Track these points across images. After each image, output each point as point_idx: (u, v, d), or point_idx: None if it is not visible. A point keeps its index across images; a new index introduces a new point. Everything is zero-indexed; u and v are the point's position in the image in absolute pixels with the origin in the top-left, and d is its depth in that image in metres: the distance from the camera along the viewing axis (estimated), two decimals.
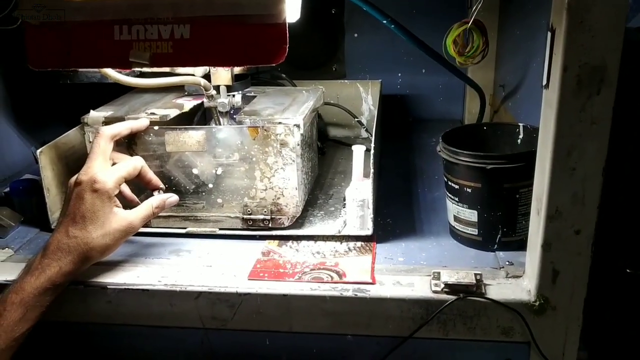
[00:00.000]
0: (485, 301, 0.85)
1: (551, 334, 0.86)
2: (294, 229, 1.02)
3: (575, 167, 0.77)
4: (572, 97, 0.74)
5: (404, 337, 0.87)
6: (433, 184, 1.22)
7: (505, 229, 0.95)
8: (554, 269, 0.82)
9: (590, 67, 0.72)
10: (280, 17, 0.79)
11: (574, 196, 0.78)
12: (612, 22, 0.71)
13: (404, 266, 0.94)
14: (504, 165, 0.91)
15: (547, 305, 0.84)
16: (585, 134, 0.75)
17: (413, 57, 1.57)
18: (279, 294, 0.88)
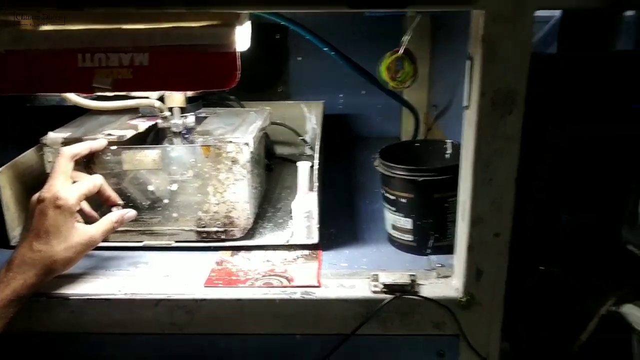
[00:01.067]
0: (419, 299, 0.95)
1: (477, 327, 0.96)
2: (246, 240, 1.10)
3: (493, 178, 0.88)
4: (488, 117, 0.85)
5: (347, 334, 0.96)
6: (372, 196, 1.32)
7: (436, 235, 1.06)
8: (477, 269, 0.93)
9: (503, 91, 0.84)
10: (232, 47, 0.88)
11: (492, 203, 0.89)
12: (520, 53, 0.83)
13: (347, 270, 1.03)
14: (434, 177, 1.02)
15: (473, 301, 0.95)
16: (499, 149, 0.86)
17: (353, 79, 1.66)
18: (232, 299, 0.95)
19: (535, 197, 0.93)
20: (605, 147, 0.91)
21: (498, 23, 0.81)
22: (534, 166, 0.90)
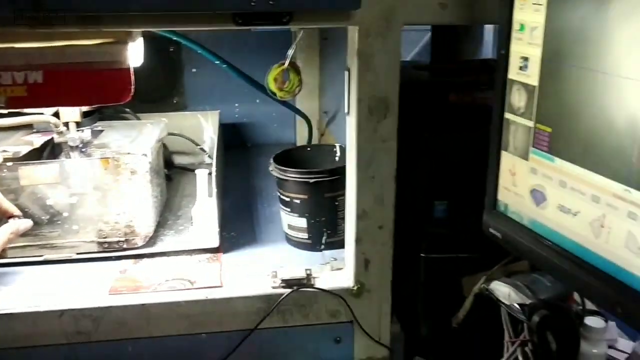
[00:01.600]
0: (315, 290, 1.03)
1: (369, 312, 1.06)
2: (148, 248, 1.14)
3: (374, 175, 0.98)
4: (366, 122, 0.95)
5: (250, 329, 1.02)
6: (270, 199, 1.39)
7: (329, 232, 1.15)
8: (365, 259, 1.03)
9: (377, 98, 0.94)
10: (125, 63, 0.92)
11: (375, 199, 0.99)
12: (391, 64, 0.93)
13: (247, 270, 1.09)
14: (324, 178, 1.11)
15: (363, 289, 1.04)
16: (378, 149, 0.96)
17: (248, 89, 1.73)
18: (137, 304, 0.99)
19: (414, 191, 1.03)
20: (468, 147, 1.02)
21: (370, 38, 0.91)
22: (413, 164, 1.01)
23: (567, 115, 0.76)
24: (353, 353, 1.08)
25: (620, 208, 0.70)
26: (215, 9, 0.84)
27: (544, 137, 0.80)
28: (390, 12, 0.90)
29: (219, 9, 0.84)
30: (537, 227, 0.84)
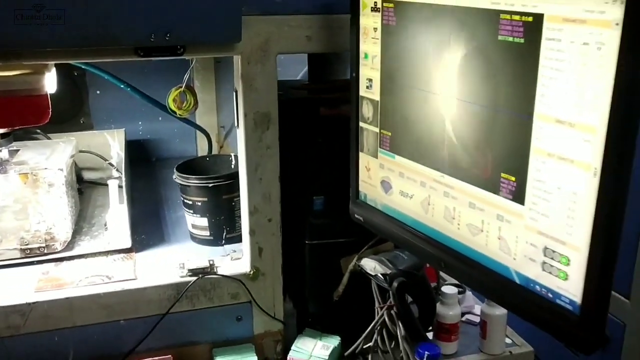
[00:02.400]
0: (218, 277, 1.22)
1: (264, 293, 1.26)
2: (67, 252, 1.28)
3: (261, 177, 1.18)
4: (252, 133, 1.15)
5: (163, 314, 1.20)
6: (175, 206, 1.56)
7: (228, 228, 1.34)
8: (259, 247, 1.23)
9: (260, 113, 1.15)
10: (43, 90, 1.08)
11: (264, 197, 1.20)
12: (270, 86, 1.14)
13: (158, 264, 1.27)
14: (221, 182, 1.31)
15: (259, 273, 1.24)
16: (264, 155, 1.17)
17: (151, 108, 1.89)
18: (61, 298, 1.14)
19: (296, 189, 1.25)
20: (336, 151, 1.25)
21: (251, 64, 1.12)
22: (295, 167, 1.22)
23: (401, 122, 1.00)
24: (253, 328, 1.27)
25: (438, 189, 0.94)
26: (120, 44, 1.01)
27: (386, 139, 1.04)
28: (266, 44, 1.11)
29: (123, 44, 1.01)
30: (387, 209, 1.08)
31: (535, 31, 0.73)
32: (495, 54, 0.79)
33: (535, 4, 0.73)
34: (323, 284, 1.30)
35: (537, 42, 0.73)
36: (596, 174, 0.70)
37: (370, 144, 1.07)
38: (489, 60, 0.81)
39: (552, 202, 0.76)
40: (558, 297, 0.79)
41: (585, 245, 0.74)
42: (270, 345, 1.29)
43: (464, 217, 0.90)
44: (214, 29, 1.03)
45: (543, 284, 0.80)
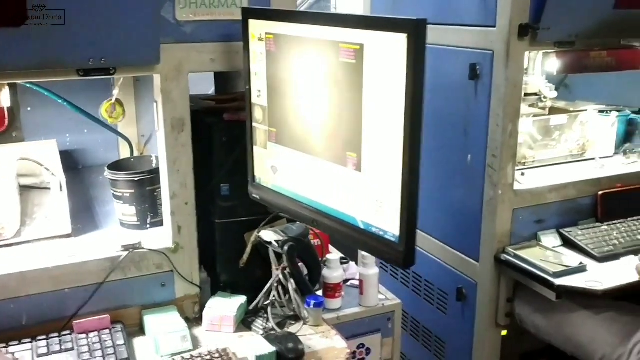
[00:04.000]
0: (145, 251, 1.52)
1: (184, 263, 1.57)
2: (16, 238, 1.54)
3: (179, 169, 1.50)
4: (170, 134, 1.47)
5: (100, 282, 1.48)
6: (104, 202, 1.84)
7: (152, 215, 1.65)
8: (178, 226, 1.54)
9: (176, 119, 1.47)
10: (1, 105, 1.36)
11: (181, 184, 1.51)
12: (183, 97, 1.47)
13: (95, 244, 1.55)
14: (145, 176, 1.61)
15: (179, 247, 1.55)
16: (180, 152, 1.49)
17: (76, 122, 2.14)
18: (16, 272, 1.41)
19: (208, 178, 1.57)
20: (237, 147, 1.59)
21: (168, 81, 1.44)
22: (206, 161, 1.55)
23: (283, 121, 1.36)
24: (175, 293, 1.58)
25: (310, 168, 1.31)
26: (65, 67, 1.31)
27: (273, 134, 1.39)
28: (179, 65, 1.44)
29: (68, 67, 1.31)
30: (276, 187, 1.43)
31: (360, 55, 1.11)
32: (338, 70, 1.17)
33: (360, 37, 1.11)
34: (231, 254, 1.63)
35: (362, 62, 1.11)
36: (402, 147, 1.08)
37: (262, 139, 1.43)
38: (335, 75, 1.18)
39: (379, 168, 1.14)
40: (386, 234, 1.16)
41: (398, 197, 1.11)
42: (189, 306, 1.60)
43: (327, 186, 1.27)
44: (138, 55, 1.35)
45: (377, 226, 1.18)
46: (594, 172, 2.10)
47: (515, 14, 1.75)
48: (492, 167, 1.89)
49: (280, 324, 1.58)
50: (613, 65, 1.95)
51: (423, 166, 1.06)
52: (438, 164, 2.13)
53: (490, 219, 1.94)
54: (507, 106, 1.82)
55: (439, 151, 2.11)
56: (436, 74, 2.09)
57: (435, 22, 2.04)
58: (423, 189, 2.18)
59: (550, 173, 2.11)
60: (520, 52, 1.79)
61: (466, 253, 2.07)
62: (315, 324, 1.59)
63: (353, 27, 1.11)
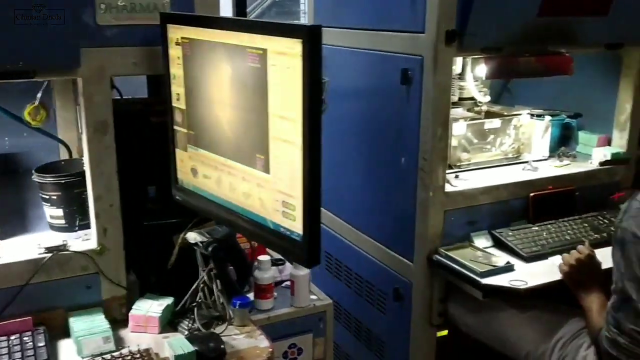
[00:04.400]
0: (70, 253, 1.53)
1: (110, 265, 1.58)
2: None
3: (103, 171, 1.52)
4: (93, 137, 1.49)
5: (23, 284, 1.49)
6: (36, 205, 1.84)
7: (80, 217, 1.66)
8: (104, 228, 1.55)
9: (99, 122, 1.48)
10: None
11: (105, 186, 1.53)
12: (106, 101, 1.48)
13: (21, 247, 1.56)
14: (73, 179, 1.62)
15: (104, 248, 1.56)
16: (104, 155, 1.50)
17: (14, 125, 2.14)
18: None
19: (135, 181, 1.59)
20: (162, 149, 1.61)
21: (90, 84, 1.46)
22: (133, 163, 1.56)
23: (200, 123, 1.38)
24: (101, 294, 1.59)
25: (224, 170, 1.33)
26: None
27: (192, 137, 1.41)
28: (101, 68, 1.46)
29: None
30: (197, 189, 1.45)
31: (264, 60, 1.14)
32: (246, 74, 1.20)
33: (263, 43, 1.14)
34: (160, 256, 1.64)
35: (266, 66, 1.14)
36: (302, 149, 1.11)
37: (182, 141, 1.45)
38: (243, 79, 1.21)
39: (284, 170, 1.17)
40: (292, 234, 1.19)
41: (300, 196, 1.14)
42: (116, 307, 1.61)
43: (240, 187, 1.30)
44: (57, 58, 1.37)
45: (284, 226, 1.20)
46: (526, 175, 2.16)
47: (442, 20, 1.79)
48: (423, 170, 1.94)
49: (207, 324, 1.60)
50: (541, 70, 2.01)
51: (360, 168, 1.10)
52: (374, 167, 2.17)
53: (422, 221, 1.98)
54: (436, 111, 1.86)
55: (374, 154, 2.15)
56: (370, 79, 2.15)
57: (369, 27, 2.10)
58: (361, 191, 2.25)
59: (485, 175, 2.16)
60: (448, 57, 1.84)
61: (402, 254, 2.10)
62: (241, 324, 1.61)
63: (256, 33, 1.14)
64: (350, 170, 2.31)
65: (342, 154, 2.33)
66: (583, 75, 2.28)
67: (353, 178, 2.30)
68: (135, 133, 1.58)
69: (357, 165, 2.26)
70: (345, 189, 2.36)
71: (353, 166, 2.29)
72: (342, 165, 2.34)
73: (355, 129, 2.25)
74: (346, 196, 2.37)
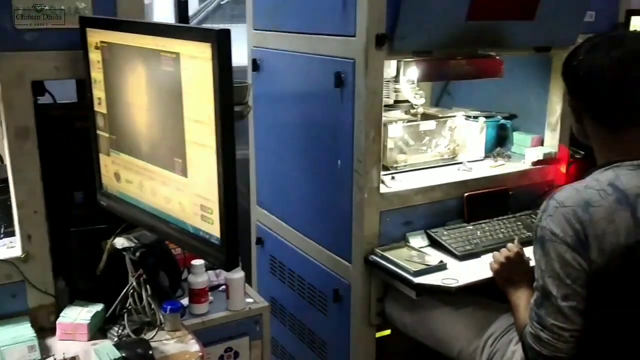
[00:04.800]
0: None
1: (36, 272, 1.55)
2: None
3: (25, 177, 1.49)
4: (15, 142, 1.46)
5: None
6: None
7: (5, 224, 1.62)
8: (27, 235, 1.53)
9: (20, 127, 1.46)
10: None
11: (28, 193, 1.50)
12: (26, 105, 1.46)
13: None
14: None
15: (29, 256, 1.54)
16: (26, 160, 1.48)
17: None
18: None
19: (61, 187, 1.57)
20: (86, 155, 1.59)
21: (10, 89, 1.43)
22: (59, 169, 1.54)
23: (121, 128, 1.37)
24: (27, 303, 1.56)
25: (145, 174, 1.32)
26: None
27: (114, 142, 1.40)
28: (21, 73, 1.43)
29: None
30: (121, 194, 1.44)
31: (177, 63, 1.14)
32: (161, 78, 1.19)
33: (176, 46, 1.14)
34: (88, 262, 1.62)
35: (179, 70, 1.14)
36: (215, 152, 1.11)
37: (105, 146, 1.44)
38: (159, 82, 1.21)
39: (201, 173, 1.17)
40: (211, 237, 1.19)
41: (217, 199, 1.15)
42: (44, 316, 1.58)
43: (160, 192, 1.29)
44: None
45: (204, 230, 1.21)
46: (461, 175, 2.20)
47: (372, 24, 1.81)
48: (358, 172, 1.96)
49: (137, 330, 1.58)
50: (472, 73, 2.06)
51: (300, 172, 1.10)
52: (312, 169, 2.18)
53: (359, 222, 2.00)
54: (369, 113, 1.89)
55: (313, 157, 2.17)
56: (308, 82, 2.16)
57: (306, 31, 2.11)
58: (301, 194, 2.26)
59: (422, 176, 2.19)
60: (379, 61, 1.86)
61: (340, 255, 2.12)
62: (173, 329, 1.60)
63: (169, 37, 1.14)
64: (291, 174, 2.32)
65: (283, 157, 2.34)
66: (518, 77, 2.35)
67: (294, 181, 2.31)
68: (60, 138, 1.56)
69: (298, 169, 2.27)
70: (287, 193, 2.37)
71: (294, 170, 2.30)
72: (283, 169, 2.35)
73: (295, 132, 2.26)
74: (288, 200, 2.38)
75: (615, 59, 1.35)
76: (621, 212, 1.29)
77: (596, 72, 1.37)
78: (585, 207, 1.30)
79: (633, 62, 1.35)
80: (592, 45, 1.40)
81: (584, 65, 1.39)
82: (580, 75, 1.41)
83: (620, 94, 1.36)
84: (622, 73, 1.35)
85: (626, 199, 1.30)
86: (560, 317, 1.35)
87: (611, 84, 1.36)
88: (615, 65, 1.35)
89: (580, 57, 1.41)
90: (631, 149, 1.38)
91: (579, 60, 1.41)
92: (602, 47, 1.38)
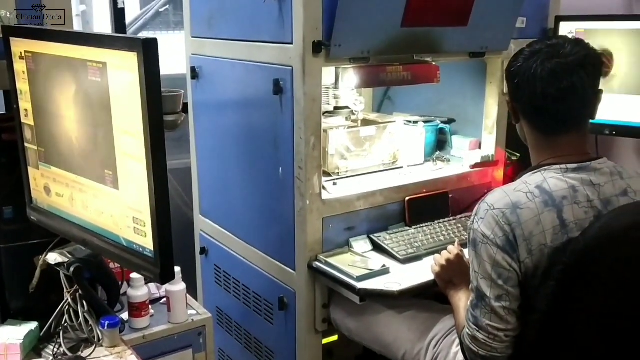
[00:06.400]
0: None
1: None
2: None
3: None
4: None
5: None
6: None
7: None
8: None
9: None
10: None
11: None
12: None
13: None
14: None
15: None
16: None
17: None
18: None
19: None
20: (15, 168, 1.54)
21: None
22: None
23: (50, 140, 1.33)
24: None
25: (76, 187, 1.29)
26: None
27: (43, 154, 1.36)
28: None
29: None
30: (51, 208, 1.40)
31: (104, 73, 1.12)
32: (89, 88, 1.17)
33: (102, 56, 1.11)
34: (20, 280, 1.56)
35: (107, 80, 1.12)
36: (146, 163, 1.09)
37: (33, 159, 1.39)
38: (87, 93, 1.18)
39: (132, 185, 1.15)
40: (145, 250, 1.17)
41: (149, 212, 1.13)
42: None
43: (92, 205, 1.26)
44: None
45: (137, 243, 1.18)
46: (402, 179, 2.23)
47: (308, 31, 1.82)
48: (299, 179, 1.96)
49: (74, 348, 1.54)
50: (409, 79, 2.09)
51: (243, 180, 1.08)
52: (255, 177, 2.17)
53: (301, 229, 2.00)
54: (308, 120, 1.89)
55: (255, 165, 2.16)
56: (248, 90, 2.15)
57: (244, 38, 2.10)
58: (244, 203, 2.24)
59: (363, 182, 2.20)
60: (316, 68, 1.87)
61: (285, 263, 2.11)
62: (112, 344, 1.55)
63: (95, 46, 1.11)
64: (234, 182, 2.30)
65: (225, 165, 2.32)
66: (455, 82, 2.39)
67: (237, 190, 2.29)
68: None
69: (240, 177, 2.26)
70: (230, 202, 2.35)
71: (236, 178, 2.28)
72: (226, 178, 2.33)
73: (237, 140, 2.25)
74: (231, 208, 2.35)
75: (548, 69, 1.39)
76: (548, 214, 1.33)
77: (531, 81, 1.41)
78: (513, 209, 1.34)
79: (564, 73, 1.39)
80: (531, 52, 1.44)
81: (521, 72, 1.43)
82: (516, 82, 1.45)
83: (551, 103, 1.40)
84: (553, 84, 1.39)
85: (552, 201, 1.34)
86: (495, 317, 1.38)
87: (542, 94, 1.40)
88: (547, 75, 1.39)
89: (518, 64, 1.45)
90: (561, 153, 1.42)
91: (517, 67, 1.45)
92: (539, 55, 1.42)
